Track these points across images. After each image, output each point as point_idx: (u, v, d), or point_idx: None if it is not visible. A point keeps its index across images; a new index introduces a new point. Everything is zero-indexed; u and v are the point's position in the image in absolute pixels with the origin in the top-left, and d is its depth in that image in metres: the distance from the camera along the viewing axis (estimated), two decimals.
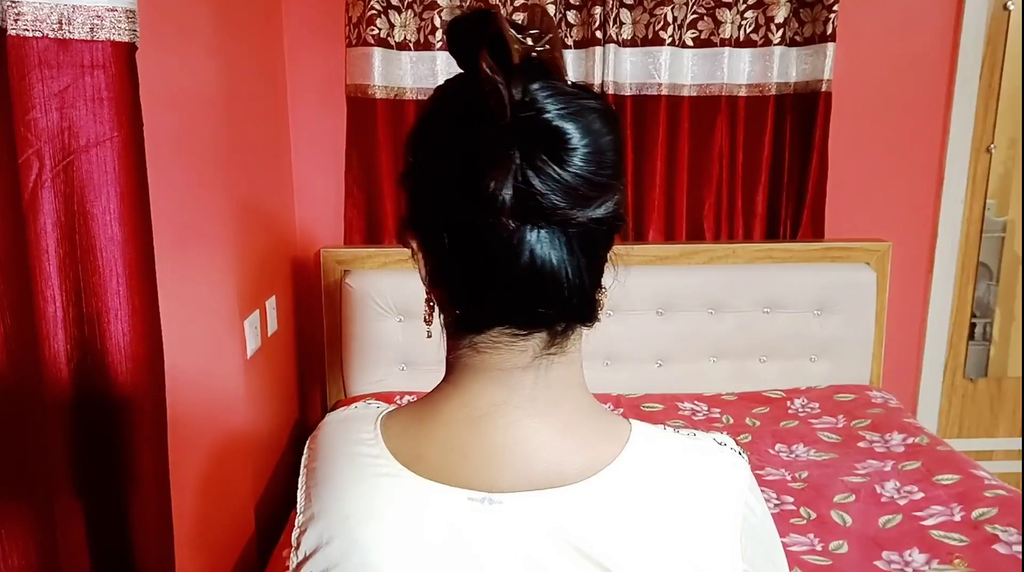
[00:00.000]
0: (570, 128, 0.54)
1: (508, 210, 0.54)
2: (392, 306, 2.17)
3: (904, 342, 2.50)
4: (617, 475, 0.60)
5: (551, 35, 0.57)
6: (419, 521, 0.61)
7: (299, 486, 0.70)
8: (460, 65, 0.59)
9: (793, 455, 1.92)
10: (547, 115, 0.54)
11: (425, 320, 0.67)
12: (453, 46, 0.58)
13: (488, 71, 0.53)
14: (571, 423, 0.62)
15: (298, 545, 0.67)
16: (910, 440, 1.94)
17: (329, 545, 0.63)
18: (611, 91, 2.22)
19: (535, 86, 0.55)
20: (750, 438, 2.00)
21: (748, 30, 2.25)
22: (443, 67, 2.22)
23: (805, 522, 1.63)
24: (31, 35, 0.93)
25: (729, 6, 2.23)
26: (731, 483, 0.63)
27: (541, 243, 0.56)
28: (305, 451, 0.72)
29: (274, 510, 1.98)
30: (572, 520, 0.59)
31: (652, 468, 0.61)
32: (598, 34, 2.20)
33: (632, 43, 2.24)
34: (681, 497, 0.61)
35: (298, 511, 0.69)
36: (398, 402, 2.12)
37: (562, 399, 0.62)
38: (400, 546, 0.61)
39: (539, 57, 0.56)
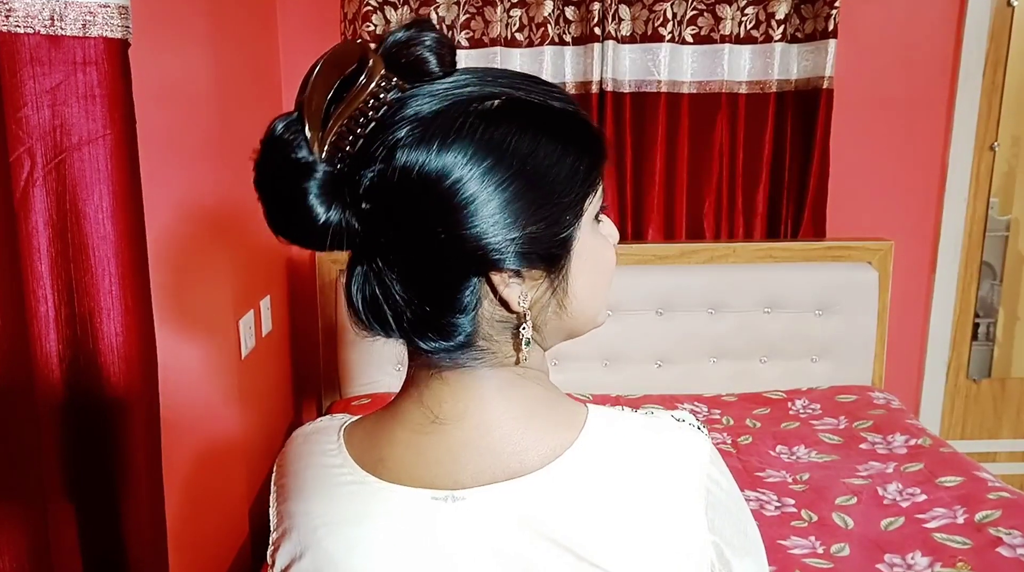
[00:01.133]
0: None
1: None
2: None
3: (906, 342, 2.48)
4: (576, 458, 0.61)
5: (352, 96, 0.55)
6: (387, 526, 0.62)
7: (270, 504, 0.71)
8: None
9: (794, 457, 1.91)
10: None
11: None
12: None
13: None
14: (528, 414, 0.62)
15: (273, 563, 0.68)
16: (912, 441, 1.93)
17: (302, 559, 0.65)
18: (610, 88, 2.21)
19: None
20: (751, 440, 1.99)
21: (749, 26, 2.24)
22: None
23: (806, 524, 1.62)
24: (22, 31, 0.93)
25: (729, 2, 2.21)
26: (691, 457, 0.63)
27: (354, 271, 0.61)
28: (274, 468, 0.73)
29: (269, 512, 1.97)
30: (537, 508, 0.59)
31: (611, 449, 0.62)
32: (596, 30, 2.18)
33: (631, 39, 2.23)
34: (641, 475, 0.61)
35: (271, 528, 0.70)
36: None
37: (518, 393, 0.63)
38: (371, 552, 0.62)
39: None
